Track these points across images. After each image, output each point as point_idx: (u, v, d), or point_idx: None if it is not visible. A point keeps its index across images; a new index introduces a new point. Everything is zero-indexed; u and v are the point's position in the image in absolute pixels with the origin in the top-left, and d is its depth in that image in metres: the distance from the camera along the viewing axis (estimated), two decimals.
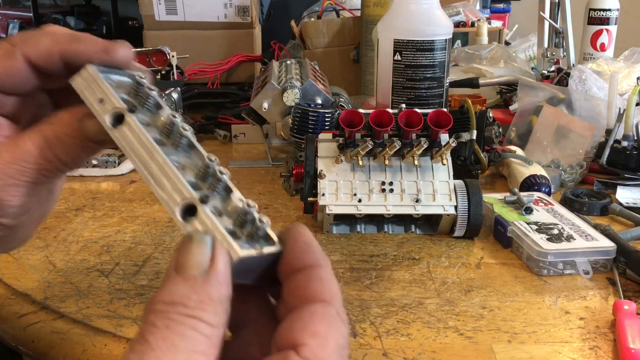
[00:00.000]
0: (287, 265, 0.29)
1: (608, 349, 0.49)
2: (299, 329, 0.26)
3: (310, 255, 0.29)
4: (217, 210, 0.29)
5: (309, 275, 0.28)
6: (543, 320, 0.52)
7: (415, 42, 0.83)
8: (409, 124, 0.65)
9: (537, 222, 0.66)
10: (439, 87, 0.86)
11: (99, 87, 0.33)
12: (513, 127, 0.96)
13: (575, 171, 0.84)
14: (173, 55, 0.96)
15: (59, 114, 0.35)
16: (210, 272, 0.26)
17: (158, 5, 1.30)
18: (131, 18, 2.67)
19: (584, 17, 1.21)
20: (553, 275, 0.60)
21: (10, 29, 2.74)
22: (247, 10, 1.31)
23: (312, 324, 0.26)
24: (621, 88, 0.99)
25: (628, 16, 1.86)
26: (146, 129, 0.32)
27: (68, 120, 0.35)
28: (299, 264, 0.29)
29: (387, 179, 0.67)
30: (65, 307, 0.54)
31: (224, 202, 0.30)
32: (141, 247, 0.66)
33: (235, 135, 1.06)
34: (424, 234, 0.69)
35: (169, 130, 0.32)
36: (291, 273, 0.28)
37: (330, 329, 0.26)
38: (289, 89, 0.89)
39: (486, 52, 1.26)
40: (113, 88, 0.33)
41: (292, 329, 0.26)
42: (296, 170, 0.71)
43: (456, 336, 0.50)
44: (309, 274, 0.28)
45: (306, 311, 0.27)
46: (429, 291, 0.57)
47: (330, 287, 0.28)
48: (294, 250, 0.29)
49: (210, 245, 0.27)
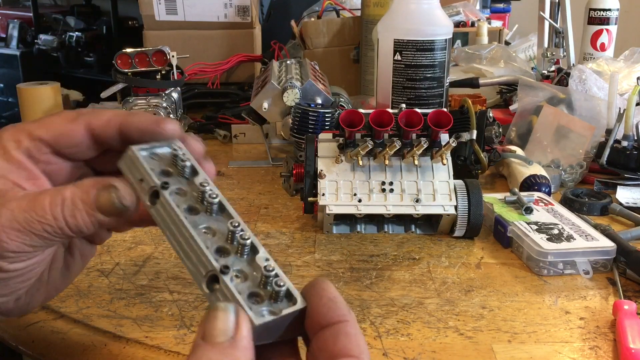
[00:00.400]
0: (314, 322, 0.30)
1: (608, 348, 0.49)
2: None
3: (336, 311, 0.30)
4: (242, 274, 0.32)
5: (336, 331, 0.30)
6: (543, 320, 0.52)
7: (415, 42, 0.83)
8: (409, 124, 0.65)
9: (537, 222, 0.66)
10: (439, 87, 0.86)
11: (138, 168, 0.36)
12: (513, 127, 0.96)
13: (576, 171, 0.84)
14: (173, 55, 0.96)
15: (84, 180, 0.37)
16: (236, 337, 0.28)
17: (158, 5, 1.30)
18: (131, 18, 2.67)
19: (584, 17, 1.21)
20: (553, 275, 0.60)
21: (10, 29, 2.74)
22: (247, 10, 1.31)
23: None
24: (621, 88, 0.99)
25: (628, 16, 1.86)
26: (181, 199, 0.35)
27: (88, 187, 0.36)
28: (325, 321, 0.30)
29: (387, 179, 0.67)
30: (65, 307, 0.54)
31: (249, 263, 0.33)
32: (141, 247, 0.66)
33: (235, 135, 1.06)
34: (424, 234, 0.69)
35: (202, 195, 0.35)
36: (318, 329, 0.30)
37: None
38: (289, 89, 0.89)
39: (486, 52, 1.26)
40: (152, 166, 0.36)
41: None
42: (296, 170, 0.71)
43: (456, 336, 0.50)
44: (336, 330, 0.30)
45: None
46: (429, 291, 0.57)
47: (358, 342, 0.29)
48: (319, 306, 0.31)
49: (234, 312, 0.29)
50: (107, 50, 2.68)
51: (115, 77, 0.94)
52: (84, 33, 2.69)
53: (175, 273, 0.60)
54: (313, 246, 0.66)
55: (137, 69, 0.94)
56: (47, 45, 2.69)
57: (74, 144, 0.39)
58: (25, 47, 2.72)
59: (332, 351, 0.29)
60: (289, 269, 0.60)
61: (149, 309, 0.54)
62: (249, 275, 0.32)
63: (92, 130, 0.39)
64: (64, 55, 2.70)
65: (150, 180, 0.35)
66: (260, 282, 0.32)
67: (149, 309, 0.54)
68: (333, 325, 0.30)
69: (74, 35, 2.68)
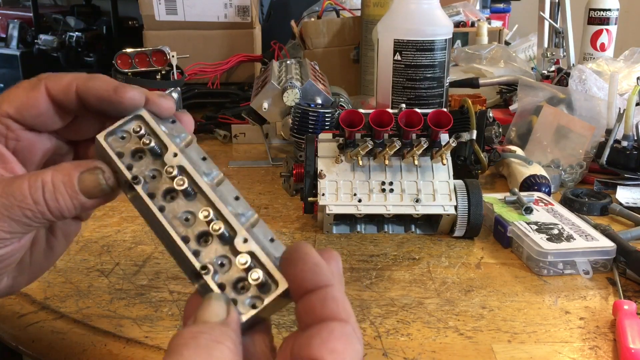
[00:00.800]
0: (300, 287, 0.30)
1: (608, 348, 0.49)
2: (317, 345, 0.27)
3: (322, 276, 0.30)
4: (226, 260, 0.33)
5: (323, 295, 0.29)
6: (543, 320, 0.52)
7: (415, 42, 0.83)
8: (409, 124, 0.65)
9: (537, 222, 0.66)
10: (439, 87, 0.86)
11: (109, 160, 0.35)
12: (513, 127, 0.96)
13: (575, 171, 0.84)
14: (173, 55, 0.96)
15: (64, 163, 0.36)
16: (228, 320, 0.30)
17: (158, 5, 1.30)
18: (131, 18, 2.67)
19: (584, 17, 1.21)
20: (553, 275, 0.60)
21: (10, 29, 2.74)
22: (247, 10, 1.31)
23: (330, 341, 0.28)
24: (621, 88, 0.99)
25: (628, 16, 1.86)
26: (156, 185, 0.34)
27: (69, 169, 0.35)
28: (311, 285, 0.30)
29: (387, 179, 0.67)
30: (65, 307, 0.54)
31: (231, 249, 0.33)
32: (141, 247, 0.66)
33: (235, 135, 1.06)
34: (424, 234, 0.69)
35: (176, 177, 0.34)
36: (304, 294, 0.30)
37: (347, 347, 0.28)
38: (289, 89, 0.89)
39: (486, 52, 1.26)
40: (122, 151, 0.35)
41: (311, 345, 0.28)
42: (296, 170, 0.71)
43: (456, 336, 0.50)
44: (323, 294, 0.29)
45: (325, 329, 0.28)
46: (429, 291, 0.57)
47: (345, 306, 0.29)
48: (304, 272, 0.30)
49: (226, 301, 0.31)
50: (107, 50, 2.68)
51: (115, 77, 0.94)
52: (84, 33, 2.69)
53: (175, 273, 0.60)
54: (313, 246, 0.66)
55: (137, 69, 0.94)
56: (47, 46, 2.69)
57: (39, 114, 0.37)
58: (25, 47, 2.73)
59: (320, 315, 0.29)
60: None
61: (149, 309, 0.54)
62: (232, 261, 0.33)
63: (53, 96, 0.37)
64: (64, 56, 2.70)
65: (121, 174, 0.35)
66: (245, 267, 0.32)
67: (149, 309, 0.54)
68: (319, 290, 0.30)
69: (74, 36, 2.68)
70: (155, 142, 0.35)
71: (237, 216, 0.33)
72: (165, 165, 0.35)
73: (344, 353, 0.28)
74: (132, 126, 0.36)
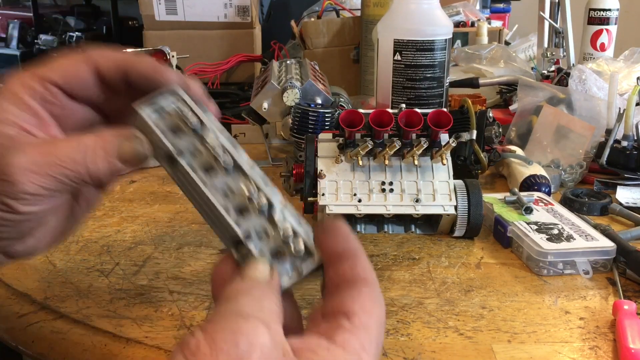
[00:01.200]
0: (333, 254, 0.34)
1: (608, 349, 0.49)
2: (350, 301, 0.31)
3: (352, 243, 0.34)
4: (265, 232, 0.35)
5: (353, 261, 0.34)
6: (543, 320, 0.52)
7: (415, 42, 0.83)
8: (409, 124, 0.65)
9: (537, 222, 0.66)
10: (439, 87, 0.86)
11: (150, 132, 0.37)
12: (513, 127, 0.96)
13: (575, 171, 0.84)
14: (173, 55, 0.96)
15: (104, 129, 0.38)
16: (272, 282, 0.33)
17: (158, 5, 1.30)
18: (131, 18, 2.67)
19: (584, 17, 1.21)
20: (553, 275, 0.60)
21: (10, 29, 2.74)
22: (247, 10, 1.31)
23: (361, 299, 0.32)
24: (621, 88, 0.99)
25: (628, 16, 1.86)
26: (196, 160, 0.36)
27: (109, 136, 0.38)
28: (343, 252, 0.34)
29: (387, 179, 0.67)
30: (65, 307, 0.54)
31: (270, 221, 0.36)
32: (141, 247, 0.66)
33: (235, 135, 1.06)
34: (424, 234, 0.69)
35: (216, 153, 0.37)
36: (336, 260, 0.34)
37: (375, 305, 0.32)
38: (289, 89, 0.89)
39: (486, 52, 1.26)
40: (162, 126, 0.37)
41: (343, 302, 0.31)
42: (296, 170, 0.71)
43: (456, 336, 0.50)
44: (353, 260, 0.34)
45: (355, 288, 0.32)
46: (429, 291, 0.57)
47: (372, 273, 0.33)
48: (338, 240, 0.34)
49: (270, 264, 0.34)
50: None
51: None
52: (84, 33, 2.69)
53: (175, 273, 0.60)
54: None
55: None
56: (47, 46, 2.69)
57: (85, 86, 0.40)
58: (25, 47, 2.73)
59: (351, 277, 0.33)
60: None
61: (149, 309, 0.54)
62: (271, 232, 0.35)
63: (100, 71, 0.40)
64: None
65: (164, 147, 0.36)
66: (281, 240, 0.35)
67: (149, 309, 0.54)
68: (350, 257, 0.34)
69: (74, 36, 2.68)
70: (194, 119, 0.37)
71: (273, 195, 0.36)
72: (204, 141, 0.37)
73: (371, 310, 0.31)
74: (168, 102, 0.38)
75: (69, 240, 0.68)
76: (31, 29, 2.81)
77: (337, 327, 0.30)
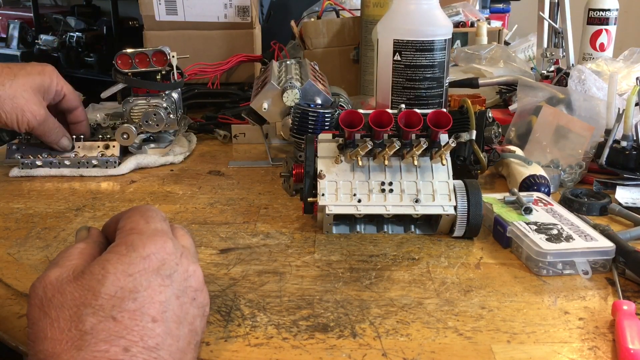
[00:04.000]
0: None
1: (607, 349, 0.49)
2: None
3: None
4: None
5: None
6: (542, 320, 0.53)
7: (415, 43, 0.83)
8: (409, 124, 0.65)
9: (537, 222, 0.66)
10: (439, 87, 0.86)
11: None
12: (512, 127, 0.96)
13: (575, 171, 0.84)
14: (173, 56, 0.96)
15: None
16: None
17: (158, 6, 1.31)
18: (131, 18, 2.67)
19: (584, 17, 1.21)
20: (552, 275, 0.60)
21: (10, 29, 2.74)
22: (247, 11, 1.31)
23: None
24: (620, 88, 0.99)
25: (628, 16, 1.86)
26: None
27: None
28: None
29: (386, 179, 0.67)
30: None
31: None
32: None
33: (235, 135, 1.06)
34: (424, 234, 0.69)
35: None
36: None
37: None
38: (289, 89, 0.90)
39: (486, 52, 1.26)
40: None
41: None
42: (296, 170, 0.71)
43: (455, 336, 0.50)
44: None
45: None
46: (429, 291, 0.57)
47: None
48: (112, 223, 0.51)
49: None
50: (108, 50, 2.68)
51: (116, 78, 0.94)
52: (85, 33, 2.69)
53: None
54: (313, 246, 0.66)
55: (137, 69, 0.94)
56: (48, 46, 2.69)
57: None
58: (25, 47, 2.73)
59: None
60: (288, 270, 0.61)
61: None
62: None
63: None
64: (65, 56, 2.70)
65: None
66: None
67: None
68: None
69: (74, 36, 2.68)
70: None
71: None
72: None
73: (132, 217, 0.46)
74: None
75: (69, 240, 0.68)
76: (31, 29, 2.82)
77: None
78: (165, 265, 0.41)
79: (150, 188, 0.85)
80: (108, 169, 0.91)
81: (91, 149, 0.92)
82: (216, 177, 0.90)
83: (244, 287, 0.58)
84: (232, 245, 0.66)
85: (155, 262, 0.41)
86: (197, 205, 0.79)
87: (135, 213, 0.46)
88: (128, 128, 0.92)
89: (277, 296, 0.56)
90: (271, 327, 0.51)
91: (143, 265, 0.40)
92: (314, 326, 0.51)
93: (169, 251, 0.42)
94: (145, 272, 0.40)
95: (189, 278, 0.43)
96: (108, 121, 0.99)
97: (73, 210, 0.77)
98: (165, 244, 0.42)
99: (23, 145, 0.91)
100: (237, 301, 0.55)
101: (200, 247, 0.66)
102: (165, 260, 0.42)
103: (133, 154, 0.94)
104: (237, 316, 0.53)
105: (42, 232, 0.70)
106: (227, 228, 0.71)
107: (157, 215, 0.46)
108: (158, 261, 0.41)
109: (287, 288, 0.57)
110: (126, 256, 0.40)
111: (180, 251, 0.44)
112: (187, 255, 0.44)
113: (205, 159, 0.99)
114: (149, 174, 0.92)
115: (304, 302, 0.55)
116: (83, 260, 0.42)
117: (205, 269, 0.61)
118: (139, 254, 0.41)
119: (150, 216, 0.45)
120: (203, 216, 0.75)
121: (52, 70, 0.76)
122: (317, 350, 0.48)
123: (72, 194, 0.83)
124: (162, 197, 0.82)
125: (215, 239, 0.68)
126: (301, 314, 0.53)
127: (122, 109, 0.94)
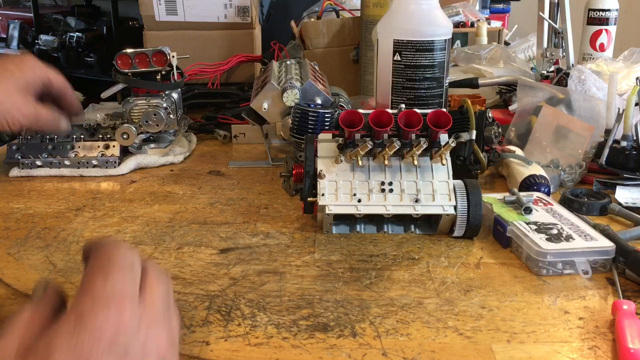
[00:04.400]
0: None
1: (607, 348, 0.49)
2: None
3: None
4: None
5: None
6: (542, 320, 0.53)
7: (415, 43, 0.83)
8: (409, 124, 0.65)
9: (537, 222, 0.66)
10: (439, 88, 0.86)
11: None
12: (512, 127, 0.96)
13: (575, 171, 0.84)
14: (173, 56, 0.96)
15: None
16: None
17: (158, 6, 1.31)
18: (131, 18, 2.67)
19: (583, 17, 1.21)
20: (552, 275, 0.60)
21: (10, 29, 2.74)
22: (247, 11, 1.31)
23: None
24: (620, 88, 0.99)
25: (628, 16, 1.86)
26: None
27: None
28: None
29: (386, 179, 0.67)
30: None
31: None
32: (141, 247, 0.66)
33: (235, 135, 1.06)
34: (424, 234, 0.69)
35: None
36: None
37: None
38: (289, 89, 0.90)
39: (486, 53, 1.26)
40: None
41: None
42: (296, 170, 0.71)
43: (455, 336, 0.50)
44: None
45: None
46: (429, 291, 0.57)
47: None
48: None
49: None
50: (108, 50, 2.68)
51: (116, 78, 0.94)
52: (85, 33, 2.69)
53: (175, 273, 0.60)
54: (313, 246, 0.66)
55: (137, 70, 0.94)
56: (48, 46, 2.69)
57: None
58: (25, 47, 2.73)
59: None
60: (288, 269, 0.61)
61: None
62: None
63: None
64: (65, 56, 2.70)
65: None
66: None
67: None
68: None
69: (74, 36, 2.68)
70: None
71: None
72: None
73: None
74: None
75: (69, 240, 0.68)
76: (31, 29, 2.82)
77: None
78: (119, 337, 0.37)
79: (150, 188, 0.85)
80: (108, 169, 0.91)
81: (91, 149, 0.92)
82: (216, 177, 0.90)
83: (244, 286, 0.58)
84: (232, 245, 0.66)
85: (107, 334, 0.36)
86: (197, 205, 0.79)
87: (97, 263, 0.41)
88: (128, 128, 0.92)
89: (277, 296, 0.56)
90: (271, 327, 0.51)
91: (92, 342, 0.36)
92: (314, 326, 0.51)
93: (125, 321, 0.38)
94: (95, 350, 0.36)
95: (149, 345, 0.38)
96: (108, 121, 0.99)
97: (73, 210, 0.77)
98: (122, 312, 0.38)
99: (23, 145, 0.91)
100: (237, 301, 0.55)
101: (200, 247, 0.66)
102: (119, 332, 0.37)
103: (133, 154, 0.94)
104: (237, 316, 0.53)
105: (42, 232, 0.70)
106: (227, 228, 0.71)
107: (123, 263, 0.41)
108: (110, 334, 0.37)
109: (287, 288, 0.57)
110: (74, 331, 0.36)
111: (139, 315, 0.39)
112: (149, 317, 0.39)
113: (205, 159, 0.99)
114: (149, 174, 0.92)
115: (304, 301, 0.55)
116: (31, 332, 0.38)
117: (205, 268, 0.61)
118: (89, 327, 0.36)
119: (111, 270, 0.40)
120: (203, 216, 0.75)
121: (30, 60, 0.71)
122: (317, 349, 0.48)
123: (72, 194, 0.83)
124: (162, 197, 0.82)
125: (216, 239, 0.68)
126: (301, 313, 0.53)
127: (122, 109, 0.94)
